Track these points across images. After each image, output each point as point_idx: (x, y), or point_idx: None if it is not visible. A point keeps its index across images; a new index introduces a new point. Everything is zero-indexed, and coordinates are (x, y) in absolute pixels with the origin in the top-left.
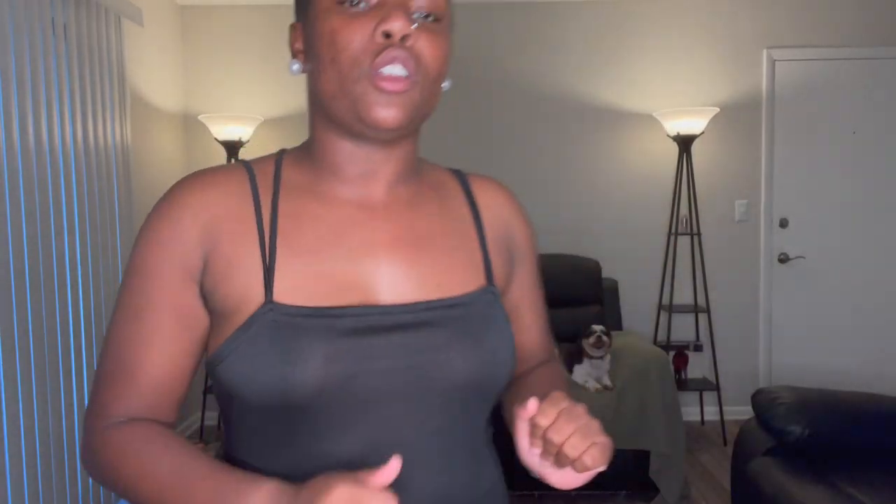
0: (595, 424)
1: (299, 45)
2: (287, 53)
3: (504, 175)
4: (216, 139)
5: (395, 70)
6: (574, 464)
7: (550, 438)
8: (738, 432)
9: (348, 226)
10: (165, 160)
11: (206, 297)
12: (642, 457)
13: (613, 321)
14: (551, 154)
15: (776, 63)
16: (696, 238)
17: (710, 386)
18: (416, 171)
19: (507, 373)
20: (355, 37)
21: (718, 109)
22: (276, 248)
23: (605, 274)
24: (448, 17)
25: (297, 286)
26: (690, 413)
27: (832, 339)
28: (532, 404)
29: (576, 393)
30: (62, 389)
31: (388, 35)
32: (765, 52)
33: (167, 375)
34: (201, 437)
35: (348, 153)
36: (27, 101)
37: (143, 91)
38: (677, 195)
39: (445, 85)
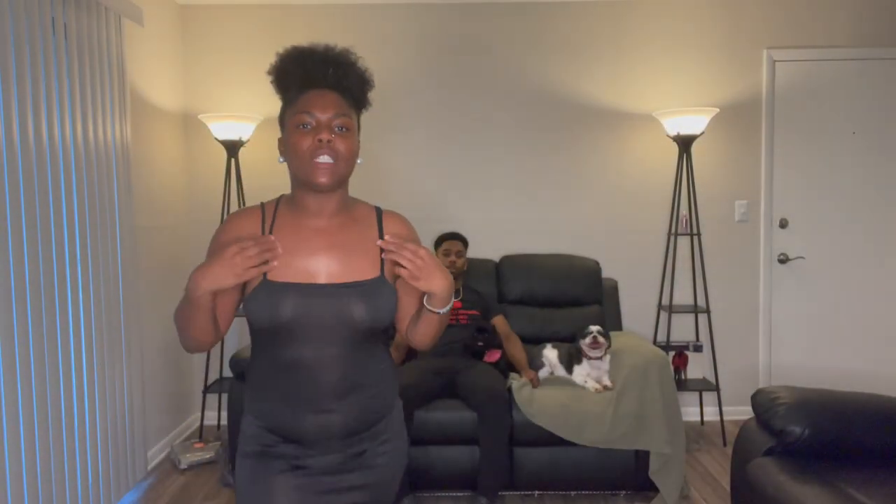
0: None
1: (282, 148)
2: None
3: (504, 175)
4: (216, 139)
5: (325, 158)
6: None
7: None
8: (737, 432)
9: (305, 239)
10: (165, 160)
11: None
12: (642, 457)
13: (613, 321)
14: (551, 154)
15: (776, 63)
16: (696, 238)
17: (709, 386)
18: (347, 208)
19: (387, 320)
20: (305, 143)
21: (718, 109)
22: None
23: (605, 274)
24: (354, 126)
25: (279, 272)
26: (690, 413)
27: (832, 339)
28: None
29: (576, 393)
30: (62, 388)
31: (321, 141)
32: (765, 52)
33: (228, 312)
34: (200, 436)
35: (308, 199)
36: (27, 100)
37: (143, 90)
38: (677, 195)
39: (359, 161)
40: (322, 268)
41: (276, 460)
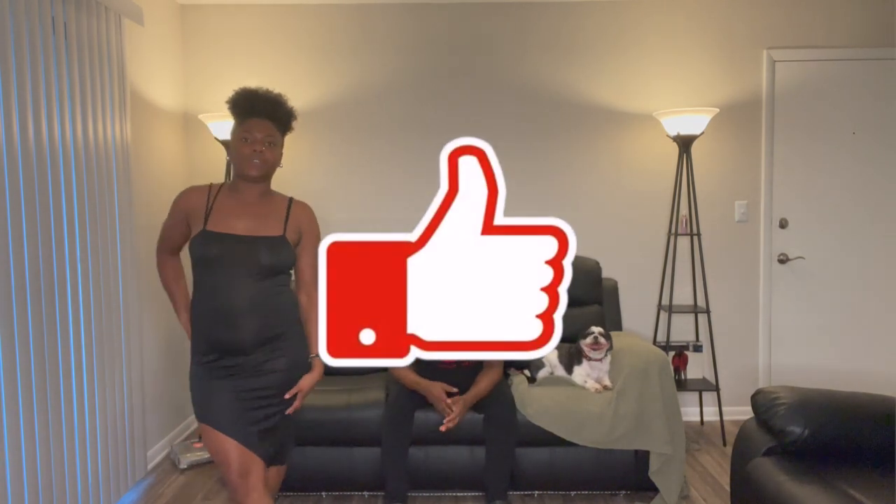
0: None
1: (230, 151)
2: (287, 51)
3: (504, 174)
4: (216, 138)
5: (256, 160)
6: None
7: None
8: (737, 432)
9: (235, 209)
10: (165, 159)
11: (188, 226)
12: (642, 457)
13: (613, 321)
14: (551, 154)
15: (776, 63)
16: (696, 238)
17: (709, 386)
18: (267, 194)
19: (286, 265)
20: (246, 150)
21: (718, 109)
22: (210, 213)
23: (605, 274)
24: (280, 140)
25: (214, 226)
26: (690, 413)
27: (832, 339)
28: None
29: (576, 393)
30: (62, 388)
31: (255, 150)
32: (765, 52)
33: (178, 243)
34: (200, 436)
35: (242, 185)
36: (27, 99)
37: (144, 90)
38: (677, 195)
39: (281, 165)
40: (242, 225)
41: (216, 370)
